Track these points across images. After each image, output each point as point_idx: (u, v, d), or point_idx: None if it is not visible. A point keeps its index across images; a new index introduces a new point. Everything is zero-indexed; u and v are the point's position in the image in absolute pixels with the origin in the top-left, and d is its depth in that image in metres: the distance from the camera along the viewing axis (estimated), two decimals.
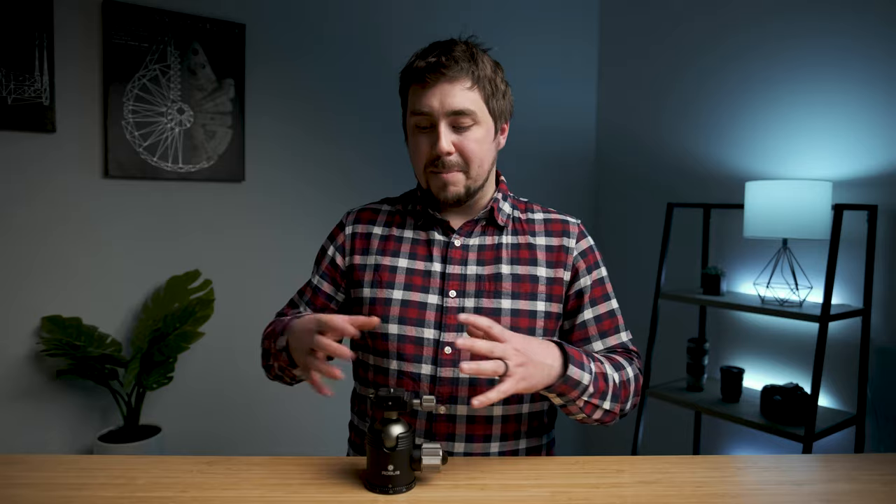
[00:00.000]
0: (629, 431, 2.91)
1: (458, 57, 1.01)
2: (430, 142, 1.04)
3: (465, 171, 1.04)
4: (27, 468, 0.93)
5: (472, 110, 1.02)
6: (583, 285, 1.10)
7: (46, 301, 1.94)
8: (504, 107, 1.09)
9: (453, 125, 1.02)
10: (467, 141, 1.03)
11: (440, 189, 1.05)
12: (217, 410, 2.26)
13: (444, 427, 1.04)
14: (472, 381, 1.04)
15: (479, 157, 1.05)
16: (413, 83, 1.04)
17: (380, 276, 1.09)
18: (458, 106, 1.01)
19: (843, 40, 2.18)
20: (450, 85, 1.01)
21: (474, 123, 1.03)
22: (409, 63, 1.05)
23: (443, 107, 1.01)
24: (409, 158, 1.11)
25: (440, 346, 1.04)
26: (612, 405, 1.01)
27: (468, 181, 1.05)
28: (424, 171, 1.06)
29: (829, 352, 2.17)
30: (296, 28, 2.34)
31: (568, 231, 1.12)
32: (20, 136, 1.88)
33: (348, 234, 1.15)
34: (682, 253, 2.70)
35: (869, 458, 1.03)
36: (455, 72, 1.01)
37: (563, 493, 0.89)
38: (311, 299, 1.17)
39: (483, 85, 1.03)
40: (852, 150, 2.16)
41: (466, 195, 1.06)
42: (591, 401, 0.98)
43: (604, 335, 1.10)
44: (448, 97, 1.01)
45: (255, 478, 0.92)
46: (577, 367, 0.95)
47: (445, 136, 1.02)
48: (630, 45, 2.96)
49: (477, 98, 1.03)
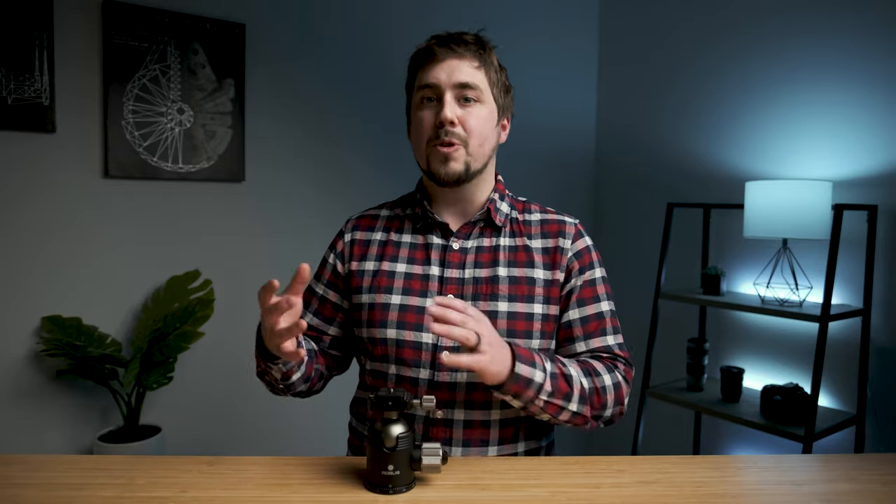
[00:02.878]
0: (629, 431, 2.90)
1: (468, 40, 1.06)
2: (435, 113, 1.05)
3: (466, 146, 1.05)
4: (27, 468, 0.93)
5: (477, 85, 1.05)
6: (573, 286, 1.09)
7: (46, 301, 1.94)
8: (507, 102, 1.12)
9: (459, 98, 1.04)
10: (471, 116, 1.05)
11: (441, 163, 1.05)
12: (217, 410, 2.26)
13: (441, 431, 1.03)
14: (469, 385, 1.03)
15: (481, 133, 1.06)
16: (422, 62, 1.07)
17: (378, 281, 1.09)
18: (465, 78, 1.04)
19: (843, 40, 2.18)
20: (458, 60, 1.05)
21: (479, 101, 1.06)
22: (418, 47, 1.09)
23: (450, 78, 1.04)
24: (411, 141, 1.11)
25: (438, 350, 1.04)
26: (579, 408, 0.99)
27: (468, 157, 1.05)
28: (426, 146, 1.06)
29: (829, 352, 2.17)
30: (296, 28, 2.34)
31: (564, 232, 1.12)
32: (20, 136, 1.88)
33: (347, 241, 1.16)
34: (682, 253, 2.70)
35: (869, 458, 1.03)
36: (464, 50, 1.05)
37: (563, 493, 0.89)
38: (318, 309, 1.16)
39: (490, 70, 1.07)
40: (852, 150, 2.16)
41: (466, 173, 1.06)
42: (551, 401, 0.97)
43: (588, 337, 1.08)
44: (456, 70, 1.04)
45: (255, 478, 0.92)
46: (527, 364, 0.95)
47: (450, 105, 1.04)
48: (630, 45, 2.96)
49: (483, 78, 1.06)
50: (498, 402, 1.04)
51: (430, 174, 1.08)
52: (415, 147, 1.10)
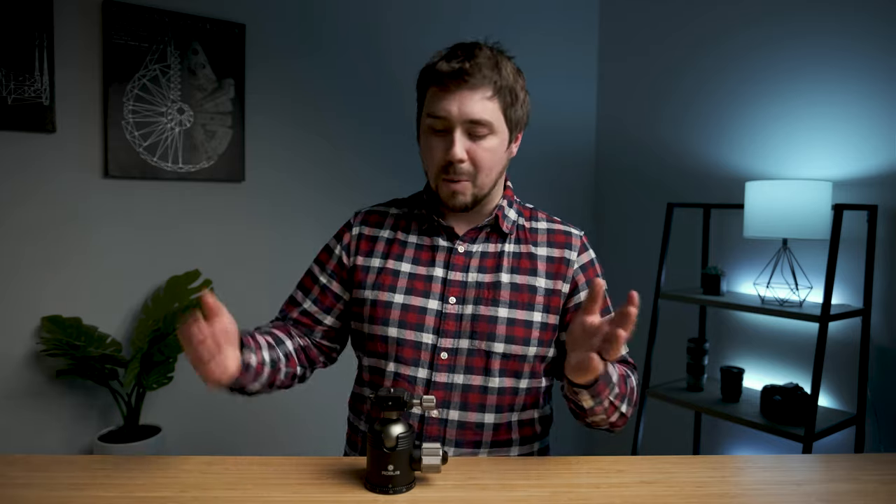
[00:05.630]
0: (629, 431, 2.90)
1: (482, 64, 1.00)
2: (444, 146, 1.03)
3: (473, 180, 1.04)
4: (27, 468, 0.93)
5: (489, 121, 1.01)
6: (582, 298, 1.10)
7: (46, 301, 1.94)
8: (521, 116, 1.09)
9: (469, 133, 1.02)
10: (480, 150, 1.03)
11: (448, 197, 1.06)
12: (217, 410, 2.26)
13: (435, 430, 1.04)
14: (464, 386, 1.05)
15: (490, 166, 1.05)
16: (433, 85, 1.03)
17: (382, 278, 1.10)
18: (477, 116, 1.01)
19: (843, 40, 2.18)
20: (470, 92, 1.00)
21: (490, 133, 1.03)
22: (431, 63, 1.04)
23: (461, 115, 1.00)
24: (421, 157, 1.11)
25: (437, 350, 1.05)
26: (627, 409, 1.02)
27: (475, 189, 1.05)
28: (436, 174, 1.06)
29: (829, 352, 2.17)
30: (296, 28, 2.34)
31: (570, 244, 1.13)
32: (20, 136, 1.88)
33: (355, 234, 1.15)
34: (682, 253, 2.70)
35: (869, 458, 1.03)
36: (477, 80, 1.00)
37: (563, 493, 0.89)
38: (318, 297, 1.16)
39: (503, 95, 1.03)
40: (852, 150, 2.16)
41: (473, 203, 1.07)
42: (614, 402, 0.99)
43: None
44: (467, 105, 1.00)
45: (255, 478, 0.92)
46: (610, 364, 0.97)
47: (460, 143, 1.01)
48: (630, 45, 2.96)
49: (496, 108, 1.03)
50: (493, 405, 1.05)
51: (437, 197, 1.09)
52: (425, 166, 1.09)
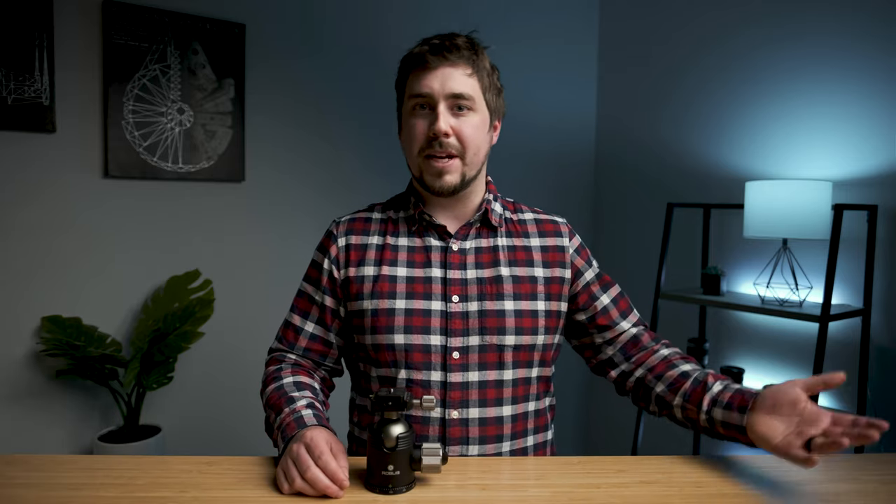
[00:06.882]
0: (629, 431, 2.90)
1: (461, 45, 1.04)
2: (428, 123, 1.04)
3: (462, 157, 1.05)
4: (27, 468, 0.93)
5: (471, 95, 1.04)
6: (588, 278, 1.15)
7: (46, 301, 1.94)
8: (499, 105, 1.12)
9: (452, 108, 1.04)
10: (465, 126, 1.04)
11: (435, 177, 1.05)
12: (217, 410, 2.26)
13: (458, 431, 1.04)
14: (481, 383, 1.04)
15: (476, 143, 1.05)
16: (414, 68, 1.05)
17: (380, 286, 1.07)
18: (459, 89, 1.03)
19: (843, 40, 2.18)
20: (451, 68, 1.03)
21: (472, 110, 1.05)
22: (410, 51, 1.07)
23: (443, 88, 1.02)
24: (402, 147, 1.11)
25: (448, 351, 1.04)
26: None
27: (464, 167, 1.05)
28: (419, 156, 1.06)
29: (829, 352, 2.17)
30: (296, 28, 2.34)
31: (560, 231, 1.16)
32: (20, 136, 1.88)
33: (342, 245, 1.12)
34: (682, 253, 2.70)
35: (869, 458, 1.03)
36: (457, 57, 1.03)
37: (563, 493, 0.89)
38: (321, 318, 1.12)
39: (482, 76, 1.06)
40: (852, 150, 2.16)
41: (461, 184, 1.06)
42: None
43: (624, 315, 1.15)
44: (449, 80, 1.03)
45: (255, 478, 0.91)
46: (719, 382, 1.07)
47: (444, 116, 1.03)
48: (630, 45, 2.96)
49: (476, 86, 1.05)
50: (509, 397, 1.06)
51: (422, 183, 1.08)
52: (406, 153, 1.10)
